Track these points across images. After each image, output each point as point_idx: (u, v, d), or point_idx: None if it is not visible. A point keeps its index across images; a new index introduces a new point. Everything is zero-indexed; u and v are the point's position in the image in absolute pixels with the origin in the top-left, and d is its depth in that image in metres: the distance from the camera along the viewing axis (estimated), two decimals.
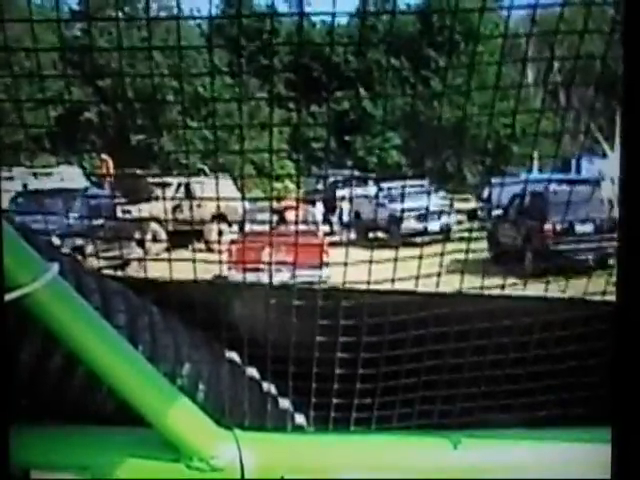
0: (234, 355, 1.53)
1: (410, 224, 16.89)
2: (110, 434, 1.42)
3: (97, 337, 1.25)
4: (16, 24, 1.33)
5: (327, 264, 10.55)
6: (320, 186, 23.56)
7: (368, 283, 1.47)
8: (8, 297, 1.10)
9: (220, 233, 14.69)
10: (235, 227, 15.54)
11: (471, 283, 1.58)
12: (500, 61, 1.44)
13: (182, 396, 1.35)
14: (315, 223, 14.18)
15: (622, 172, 0.97)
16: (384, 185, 19.50)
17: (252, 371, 1.56)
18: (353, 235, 17.72)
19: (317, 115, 27.46)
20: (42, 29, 1.48)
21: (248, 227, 12.75)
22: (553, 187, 13.17)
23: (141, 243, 12.62)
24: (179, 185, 18.24)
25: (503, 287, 1.64)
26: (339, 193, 21.85)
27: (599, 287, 1.50)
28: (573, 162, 20.37)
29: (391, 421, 1.52)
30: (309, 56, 32.31)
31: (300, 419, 1.61)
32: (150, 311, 1.46)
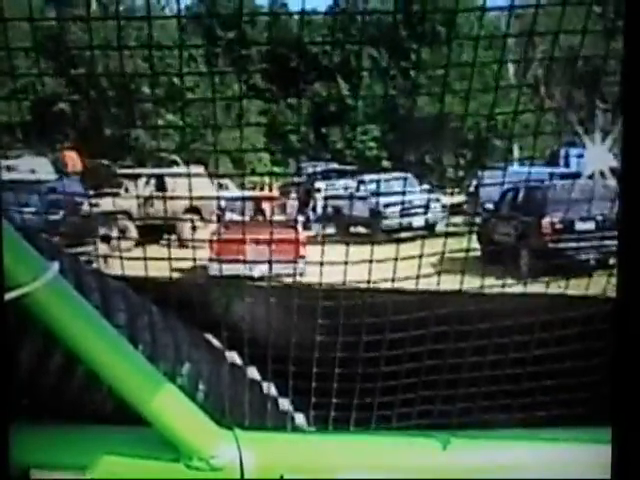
0: (234, 355, 1.52)
1: (393, 219, 16.54)
2: (110, 433, 1.41)
3: (97, 336, 1.25)
4: None
5: (303, 257, 10.46)
6: (297, 179, 23.43)
7: (344, 283, 1.46)
8: (8, 296, 1.10)
9: (194, 228, 14.35)
10: (211, 219, 15.26)
11: (458, 282, 1.54)
12: (486, 56, 1.42)
13: (182, 395, 1.35)
14: (292, 217, 14.07)
15: (623, 172, 0.96)
16: (364, 178, 19.37)
17: (252, 371, 1.55)
18: (332, 229, 17.49)
19: (294, 106, 27.34)
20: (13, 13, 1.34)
21: (227, 217, 12.53)
22: (551, 181, 12.80)
23: (106, 239, 12.21)
24: (150, 177, 17.72)
25: (486, 287, 1.60)
26: (316, 185, 21.58)
27: (599, 288, 1.50)
28: (562, 155, 20.10)
29: (391, 421, 1.52)
30: (286, 46, 32.12)
31: (300, 419, 1.61)
32: (150, 310, 1.45)
